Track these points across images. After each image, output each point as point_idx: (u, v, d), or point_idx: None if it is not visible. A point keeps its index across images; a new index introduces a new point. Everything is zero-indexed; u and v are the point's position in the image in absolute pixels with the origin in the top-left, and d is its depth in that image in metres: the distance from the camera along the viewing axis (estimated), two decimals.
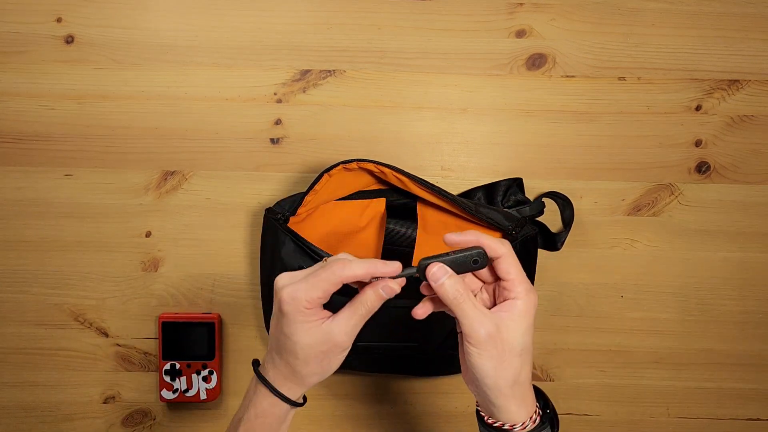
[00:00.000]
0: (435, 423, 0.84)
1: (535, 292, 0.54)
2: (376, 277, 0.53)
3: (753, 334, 0.83)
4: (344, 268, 0.51)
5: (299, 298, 0.52)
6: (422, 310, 0.56)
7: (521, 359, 0.52)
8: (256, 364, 0.58)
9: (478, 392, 0.54)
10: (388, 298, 0.53)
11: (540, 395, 0.57)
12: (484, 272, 0.55)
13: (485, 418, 0.55)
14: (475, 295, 0.55)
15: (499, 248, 0.53)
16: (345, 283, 0.52)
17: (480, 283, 0.57)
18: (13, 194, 0.80)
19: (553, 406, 0.57)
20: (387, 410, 0.84)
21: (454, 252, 0.53)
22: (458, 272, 0.52)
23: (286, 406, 0.56)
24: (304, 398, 0.59)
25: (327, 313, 0.54)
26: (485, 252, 0.52)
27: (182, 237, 0.81)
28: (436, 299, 0.54)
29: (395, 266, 0.52)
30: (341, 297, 0.54)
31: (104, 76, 0.79)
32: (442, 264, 0.52)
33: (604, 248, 0.82)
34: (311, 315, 0.52)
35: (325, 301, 0.53)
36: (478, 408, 0.56)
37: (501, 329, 0.52)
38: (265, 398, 0.56)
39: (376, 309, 0.54)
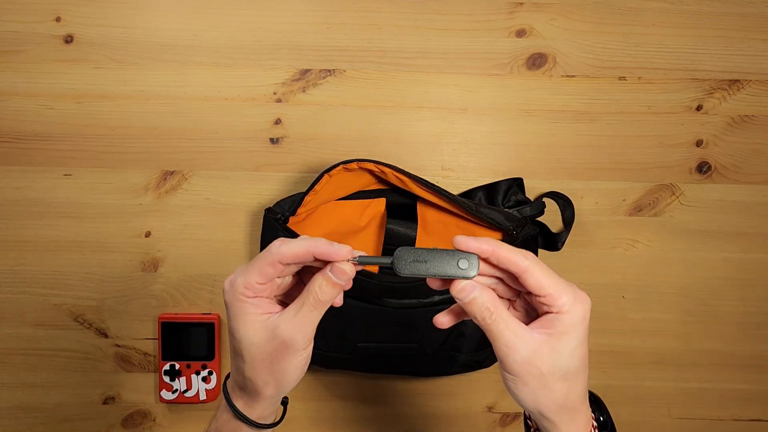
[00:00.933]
0: (435, 424, 0.84)
1: (585, 296, 0.45)
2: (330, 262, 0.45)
3: (754, 334, 0.83)
4: (281, 246, 0.44)
5: (237, 284, 0.45)
6: (446, 319, 0.49)
7: (568, 383, 0.44)
8: (228, 376, 0.52)
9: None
10: (341, 283, 0.45)
11: (595, 402, 0.50)
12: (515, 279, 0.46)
13: (531, 429, 0.49)
14: (509, 307, 0.48)
15: (521, 261, 0.44)
16: (284, 262, 0.45)
17: (514, 291, 0.48)
18: (12, 194, 0.80)
19: (608, 413, 0.51)
20: (387, 411, 0.83)
21: (441, 249, 0.45)
22: (437, 274, 0.45)
23: (244, 426, 0.48)
24: (279, 419, 0.52)
25: (277, 307, 0.47)
26: (478, 257, 0.45)
27: (182, 237, 0.81)
28: (462, 310, 0.47)
29: (346, 249, 0.45)
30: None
31: (103, 76, 0.79)
32: (474, 281, 0.44)
33: (605, 248, 0.82)
34: (253, 306, 0.45)
35: (270, 288, 0.46)
36: (527, 418, 0.50)
37: (540, 352, 0.43)
38: (224, 412, 0.50)
39: (329, 299, 0.45)
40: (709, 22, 0.80)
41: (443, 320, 0.49)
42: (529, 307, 0.47)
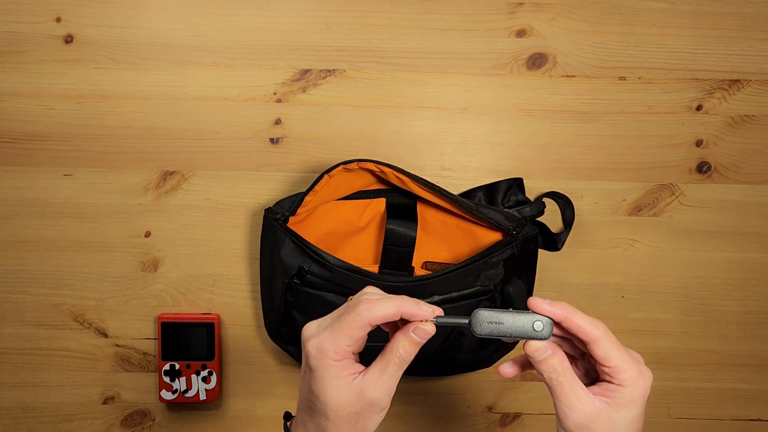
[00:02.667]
0: (435, 424, 0.84)
1: (648, 372, 0.46)
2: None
3: (754, 334, 0.83)
4: (370, 308, 0.45)
5: (326, 350, 0.45)
6: (511, 370, 0.50)
7: None
8: (287, 417, 0.53)
9: None
10: (423, 342, 0.46)
11: None
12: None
13: None
14: (573, 362, 0.49)
15: (593, 330, 0.45)
16: (373, 325, 0.45)
17: (580, 350, 0.49)
18: (12, 194, 0.80)
19: None
20: (387, 411, 0.83)
21: (514, 309, 0.47)
22: (512, 334, 0.46)
23: None
24: None
25: (360, 367, 0.47)
26: (553, 323, 0.46)
27: (182, 237, 0.81)
28: (527, 362, 0.49)
29: (431, 308, 0.46)
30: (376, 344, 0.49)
31: (104, 76, 0.79)
32: (548, 342, 0.46)
33: (604, 248, 0.82)
34: (341, 369, 0.46)
35: (357, 349, 0.47)
36: None
37: (597, 419, 0.45)
38: None
39: (411, 357, 0.46)
40: (709, 22, 0.80)
41: (508, 371, 0.50)
42: (591, 368, 0.49)
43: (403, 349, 0.46)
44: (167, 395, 0.80)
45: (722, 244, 0.82)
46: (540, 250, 0.79)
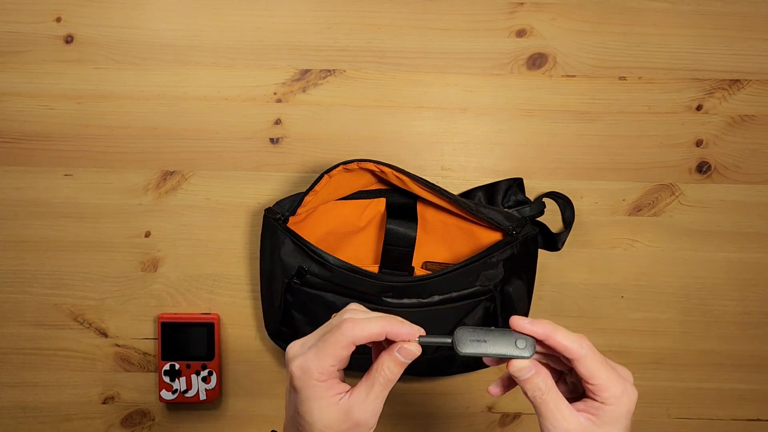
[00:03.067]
0: (435, 424, 0.84)
1: (633, 389, 0.47)
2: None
3: (753, 334, 0.83)
4: (354, 328, 0.45)
5: (310, 370, 0.45)
6: (497, 390, 0.51)
7: None
8: None
9: None
10: (408, 362, 0.46)
11: None
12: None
13: None
14: (556, 381, 0.49)
15: (577, 349, 0.45)
16: (357, 344, 0.45)
17: (565, 366, 0.49)
18: (13, 194, 0.80)
19: None
20: (386, 411, 0.83)
21: (497, 328, 0.47)
22: (496, 354, 0.47)
23: None
24: None
25: (345, 386, 0.48)
26: (535, 341, 0.46)
27: (182, 237, 0.81)
28: (512, 380, 0.49)
29: (415, 328, 0.46)
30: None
31: (104, 76, 0.79)
32: (531, 361, 0.46)
33: (604, 248, 0.82)
34: (326, 389, 0.46)
35: (342, 366, 0.47)
36: None
37: None
38: None
39: (396, 377, 0.47)
40: (710, 22, 0.80)
41: (496, 390, 0.51)
42: (577, 382, 0.48)
43: (389, 370, 0.46)
44: (167, 395, 0.80)
45: (722, 244, 0.82)
46: (540, 250, 0.79)
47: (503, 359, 0.48)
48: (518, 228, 0.74)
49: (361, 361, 0.70)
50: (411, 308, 0.72)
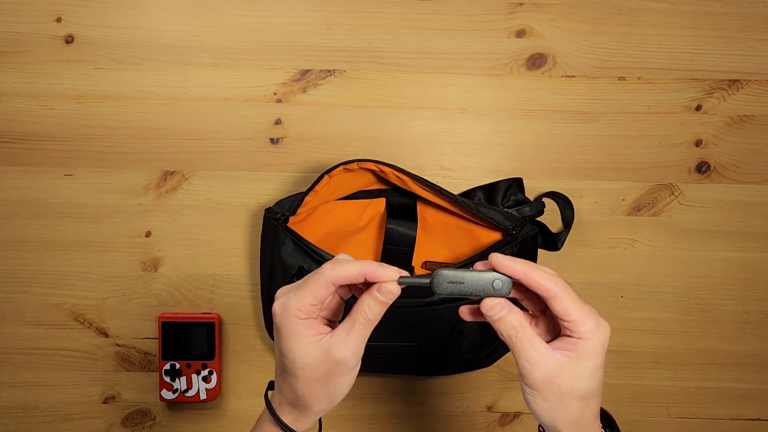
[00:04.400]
0: (435, 423, 0.84)
1: (606, 324, 0.48)
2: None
3: (753, 334, 0.83)
4: (334, 268, 0.46)
5: (290, 307, 0.47)
6: (467, 311, 0.51)
7: (584, 403, 0.47)
8: (270, 386, 0.54)
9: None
10: (388, 302, 0.47)
11: (606, 420, 0.53)
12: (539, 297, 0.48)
13: None
14: (531, 321, 0.49)
15: (551, 287, 0.46)
16: (336, 284, 0.47)
17: (541, 306, 0.50)
18: (13, 194, 0.80)
19: (618, 429, 0.53)
20: (386, 410, 0.84)
21: (474, 268, 0.47)
22: (472, 293, 0.47)
23: None
24: (320, 427, 0.54)
25: (327, 329, 0.48)
26: (511, 279, 0.47)
27: (182, 237, 0.81)
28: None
29: (394, 270, 0.47)
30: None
31: (104, 76, 0.79)
32: (503, 300, 0.47)
33: (604, 248, 0.82)
34: (306, 328, 0.47)
35: (328, 314, 0.49)
36: (540, 429, 0.52)
37: (560, 372, 0.46)
38: (270, 427, 0.51)
39: (377, 317, 0.47)
40: (709, 22, 0.80)
41: (465, 312, 0.51)
42: (551, 324, 0.49)
43: (368, 308, 0.47)
44: (168, 395, 0.80)
45: (721, 243, 0.82)
46: (540, 250, 0.79)
47: (477, 311, 0.48)
48: (518, 228, 0.74)
49: (363, 360, 0.69)
50: (411, 308, 0.72)
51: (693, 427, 0.85)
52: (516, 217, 0.75)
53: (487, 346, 0.77)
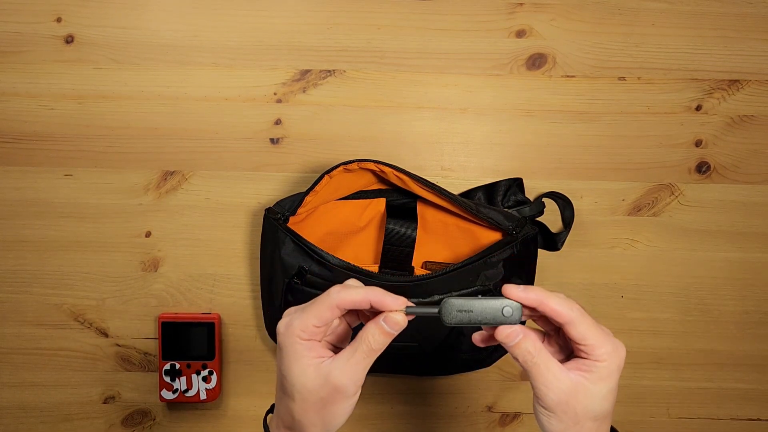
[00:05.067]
0: (435, 423, 0.84)
1: (621, 345, 0.48)
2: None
3: (753, 334, 0.83)
4: (341, 291, 0.47)
5: (293, 326, 0.47)
6: (479, 338, 0.51)
7: (597, 423, 0.47)
8: (271, 409, 0.54)
9: None
10: (393, 333, 0.47)
11: None
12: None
13: None
14: (544, 340, 0.50)
15: (568, 313, 0.46)
16: (342, 308, 0.47)
17: (553, 326, 0.50)
18: (13, 194, 0.80)
19: None
20: (387, 410, 0.84)
21: (483, 295, 0.48)
22: (482, 321, 0.47)
23: None
24: None
25: (329, 353, 0.48)
26: (521, 306, 0.47)
27: (182, 237, 0.81)
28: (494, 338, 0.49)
29: (401, 300, 0.47)
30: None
31: (104, 76, 0.79)
32: (517, 326, 0.47)
33: (604, 248, 0.82)
34: (307, 349, 0.47)
35: (324, 331, 0.48)
36: None
37: (576, 394, 0.46)
38: None
39: (381, 347, 0.47)
40: (709, 22, 0.80)
41: (478, 338, 0.51)
42: (565, 343, 0.50)
43: (372, 337, 0.46)
44: (168, 395, 0.80)
45: (721, 244, 0.82)
46: (540, 250, 0.79)
47: (490, 335, 0.48)
48: (518, 228, 0.74)
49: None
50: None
51: (693, 428, 0.85)
52: (516, 217, 0.75)
53: (487, 347, 0.76)
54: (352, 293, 0.46)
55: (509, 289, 0.47)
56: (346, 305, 0.47)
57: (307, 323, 0.46)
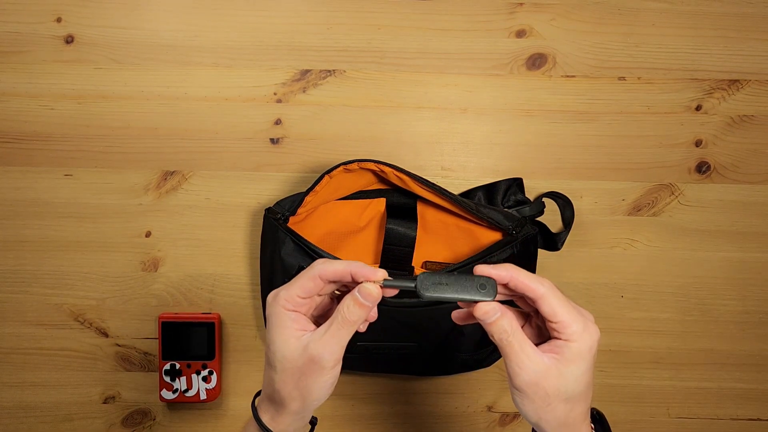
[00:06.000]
0: (435, 423, 0.84)
1: (594, 326, 0.47)
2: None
3: (753, 334, 0.83)
4: (323, 264, 0.48)
5: (279, 297, 0.49)
6: (459, 316, 0.52)
7: (570, 404, 0.47)
8: (259, 393, 0.55)
9: None
10: (369, 304, 0.48)
11: (599, 422, 0.53)
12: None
13: None
14: (524, 324, 0.50)
15: (538, 288, 0.46)
16: (324, 278, 0.48)
17: (530, 309, 0.50)
18: (13, 194, 0.80)
19: (610, 430, 0.53)
20: (386, 410, 0.84)
21: (458, 272, 0.48)
22: (459, 297, 0.47)
23: None
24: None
25: (312, 326, 0.49)
26: (496, 282, 0.47)
27: (182, 237, 0.81)
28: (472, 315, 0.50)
29: (380, 272, 0.48)
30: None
31: (104, 76, 0.79)
32: (497, 304, 0.47)
33: (604, 248, 0.82)
34: (291, 320, 0.48)
35: (309, 303, 0.50)
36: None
37: (547, 375, 0.46)
38: (251, 424, 0.52)
39: (356, 318, 0.48)
40: (709, 22, 0.80)
41: (456, 316, 0.52)
42: (543, 327, 0.50)
43: (347, 309, 0.48)
44: (168, 395, 0.80)
45: (721, 243, 0.82)
46: (540, 250, 0.79)
47: (469, 314, 0.49)
48: (518, 228, 0.74)
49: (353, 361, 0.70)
50: (411, 308, 0.72)
51: (693, 427, 0.85)
52: (516, 217, 0.75)
53: (486, 346, 0.77)
54: (335, 265, 0.48)
55: (480, 267, 0.48)
56: (328, 276, 0.48)
57: (292, 294, 0.48)
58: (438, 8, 0.79)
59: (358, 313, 0.48)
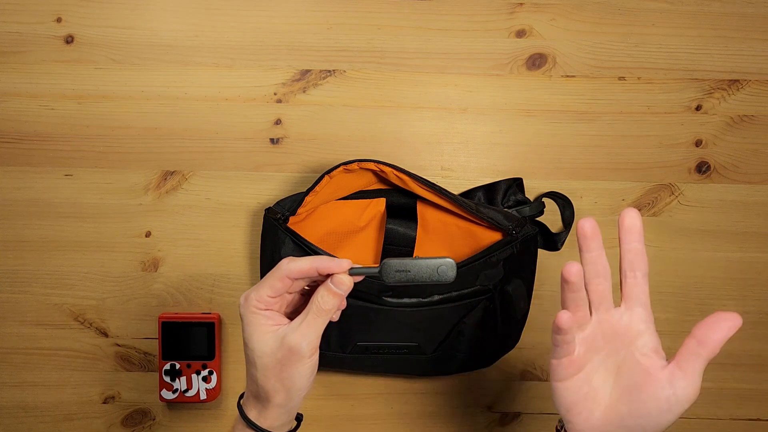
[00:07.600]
0: (435, 423, 0.84)
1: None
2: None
3: (753, 334, 0.83)
4: (289, 263, 0.50)
5: (250, 298, 0.51)
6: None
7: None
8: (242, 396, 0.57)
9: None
10: (339, 292, 0.51)
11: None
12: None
13: None
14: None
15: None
16: (291, 277, 0.50)
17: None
18: (13, 194, 0.80)
19: None
20: (387, 410, 0.84)
21: (420, 258, 0.51)
22: (420, 280, 0.50)
23: None
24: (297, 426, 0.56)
25: (286, 321, 0.52)
26: (455, 265, 0.50)
27: (182, 237, 0.81)
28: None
29: (345, 261, 0.51)
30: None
31: (104, 76, 0.79)
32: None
33: (604, 248, 0.82)
34: (265, 318, 0.51)
35: (280, 302, 0.52)
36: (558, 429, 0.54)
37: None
38: (238, 423, 0.55)
39: (330, 307, 0.51)
40: (709, 22, 0.80)
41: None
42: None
43: (322, 298, 0.50)
44: (168, 395, 0.80)
45: (721, 243, 0.82)
46: (540, 250, 0.79)
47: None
48: (518, 228, 0.74)
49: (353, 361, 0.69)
50: (411, 308, 0.72)
51: (693, 427, 0.85)
52: (516, 217, 0.75)
53: (486, 347, 0.77)
54: (300, 262, 0.50)
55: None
56: (295, 274, 0.50)
57: (262, 294, 0.51)
58: (438, 8, 0.79)
59: (332, 302, 0.50)
